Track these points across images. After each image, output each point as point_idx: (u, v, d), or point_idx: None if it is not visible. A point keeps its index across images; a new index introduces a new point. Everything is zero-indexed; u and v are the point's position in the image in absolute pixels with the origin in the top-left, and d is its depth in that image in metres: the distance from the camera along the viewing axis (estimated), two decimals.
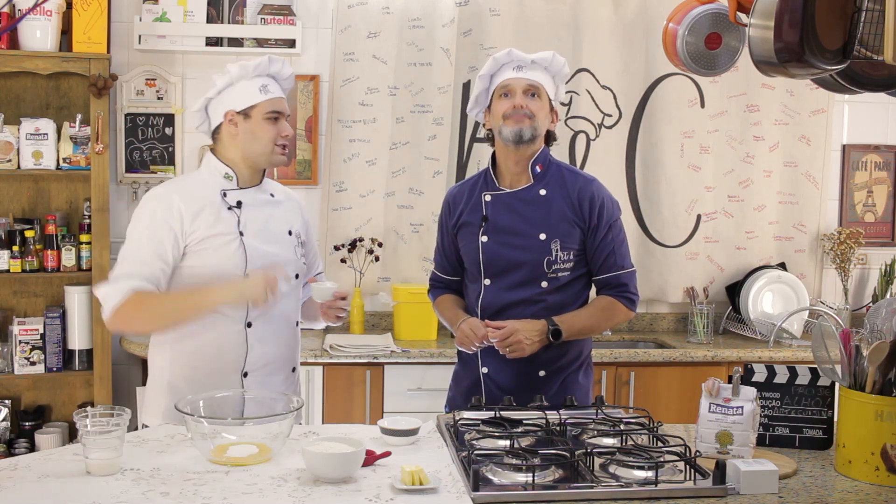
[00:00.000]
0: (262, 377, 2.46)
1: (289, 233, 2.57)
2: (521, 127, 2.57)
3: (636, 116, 4.42)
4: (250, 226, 2.46)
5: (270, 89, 2.48)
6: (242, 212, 2.47)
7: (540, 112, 2.60)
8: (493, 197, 2.66)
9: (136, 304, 2.33)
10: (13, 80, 3.98)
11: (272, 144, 2.47)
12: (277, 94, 2.50)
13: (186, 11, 4.09)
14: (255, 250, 2.44)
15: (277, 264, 2.41)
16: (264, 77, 2.49)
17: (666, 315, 4.54)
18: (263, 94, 2.47)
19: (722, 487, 1.91)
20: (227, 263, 2.40)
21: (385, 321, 4.34)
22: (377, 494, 1.85)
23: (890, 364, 2.08)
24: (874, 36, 1.98)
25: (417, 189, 4.29)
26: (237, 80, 2.47)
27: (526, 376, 2.61)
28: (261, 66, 2.48)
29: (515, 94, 2.59)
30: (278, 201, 2.59)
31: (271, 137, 2.47)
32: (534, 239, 2.59)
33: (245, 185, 2.51)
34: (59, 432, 3.94)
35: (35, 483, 1.89)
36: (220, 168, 2.49)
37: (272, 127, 2.47)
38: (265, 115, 2.46)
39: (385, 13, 4.21)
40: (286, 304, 2.53)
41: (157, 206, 2.41)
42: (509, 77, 2.61)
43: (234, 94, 2.47)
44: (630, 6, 4.35)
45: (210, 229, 2.40)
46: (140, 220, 2.42)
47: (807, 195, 4.55)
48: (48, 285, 4.05)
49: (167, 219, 2.38)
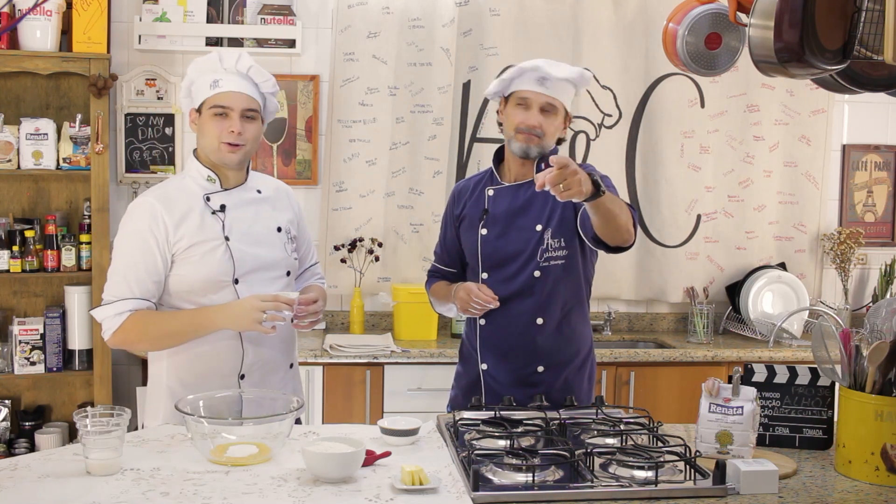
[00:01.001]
0: (259, 377, 2.45)
1: (278, 229, 2.52)
2: (529, 146, 2.60)
3: (636, 116, 4.42)
4: (236, 228, 2.43)
5: (221, 84, 2.41)
6: (227, 215, 2.43)
7: (551, 128, 2.61)
8: (495, 191, 2.68)
9: (135, 327, 2.34)
10: (13, 80, 3.98)
11: (217, 141, 2.41)
12: (228, 89, 2.41)
13: (186, 11, 4.09)
14: (243, 254, 2.42)
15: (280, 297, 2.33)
16: (217, 72, 2.43)
17: (666, 315, 4.54)
18: (212, 89, 2.41)
19: (722, 487, 1.91)
20: (215, 270, 2.38)
21: (385, 321, 4.34)
22: (377, 494, 1.85)
23: (890, 364, 2.08)
24: (874, 36, 1.98)
25: (417, 189, 4.29)
26: (194, 78, 2.46)
27: (524, 373, 2.62)
28: (210, 60, 2.44)
29: (531, 109, 2.59)
30: (265, 198, 2.54)
31: (215, 134, 2.41)
32: (530, 230, 2.61)
33: (230, 186, 2.48)
34: (59, 432, 3.94)
35: (35, 483, 1.89)
36: (202, 171, 2.46)
37: (216, 126, 2.40)
38: (209, 109, 2.41)
39: (385, 13, 4.21)
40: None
41: (140, 216, 2.38)
42: (529, 90, 2.59)
43: (196, 87, 2.47)
44: (630, 6, 4.35)
45: (195, 236, 2.38)
46: (127, 234, 2.40)
47: (807, 195, 4.55)
48: (48, 285, 4.05)
49: (153, 230, 2.36)
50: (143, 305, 2.36)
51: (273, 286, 2.47)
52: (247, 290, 2.41)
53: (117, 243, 2.42)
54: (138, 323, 2.34)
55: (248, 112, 2.43)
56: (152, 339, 2.39)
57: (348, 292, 4.26)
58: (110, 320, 2.35)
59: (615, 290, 4.42)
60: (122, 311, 2.34)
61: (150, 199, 2.41)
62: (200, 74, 2.45)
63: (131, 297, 2.35)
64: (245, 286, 2.42)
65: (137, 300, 2.35)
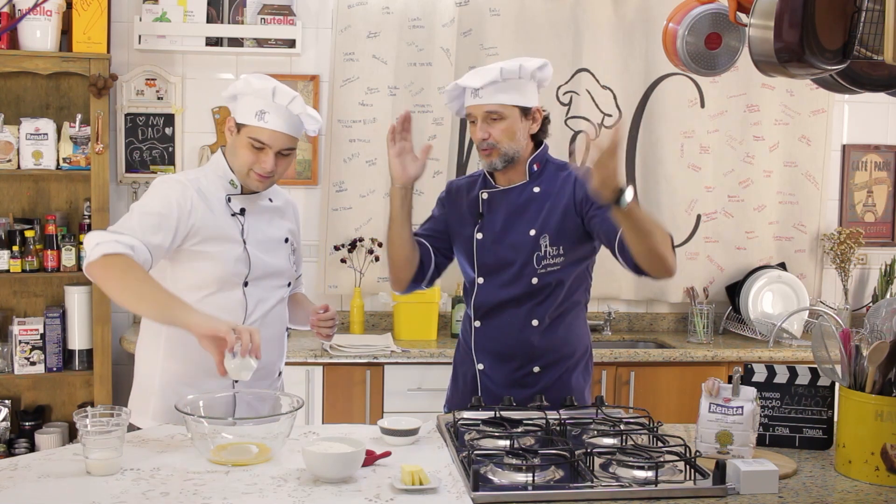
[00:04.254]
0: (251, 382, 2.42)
1: (285, 240, 2.55)
2: (490, 160, 2.56)
3: (636, 116, 4.42)
4: (252, 234, 2.45)
5: (267, 119, 2.37)
6: (246, 219, 2.46)
7: (504, 135, 2.53)
8: (489, 195, 2.66)
9: (121, 267, 2.21)
10: (13, 80, 3.98)
11: (247, 168, 2.40)
12: (274, 127, 2.37)
13: (186, 11, 4.09)
14: (256, 258, 2.44)
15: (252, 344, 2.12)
16: (267, 103, 2.37)
17: (666, 315, 4.54)
18: (257, 120, 2.37)
19: (722, 487, 1.91)
20: (230, 270, 2.39)
21: (385, 321, 4.34)
22: (377, 494, 1.85)
23: (890, 364, 2.08)
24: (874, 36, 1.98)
25: (417, 189, 4.26)
26: (243, 93, 2.41)
27: (521, 372, 2.61)
28: (263, 91, 2.37)
29: (477, 123, 2.56)
30: (277, 207, 2.57)
31: (248, 162, 2.39)
32: (524, 235, 2.58)
33: (247, 192, 2.49)
34: (59, 432, 3.94)
35: (35, 483, 1.89)
36: (227, 174, 2.46)
37: (250, 154, 2.39)
38: (249, 139, 2.39)
39: (385, 13, 4.21)
40: (279, 310, 2.54)
41: (172, 187, 2.38)
42: (469, 104, 2.57)
43: (241, 103, 2.42)
44: (630, 6, 4.35)
45: (214, 231, 2.39)
46: (154, 195, 2.37)
47: (807, 195, 4.55)
48: (48, 285, 4.05)
49: (181, 201, 2.35)
50: (143, 252, 2.26)
51: (277, 294, 2.51)
52: (254, 294, 2.44)
53: (142, 200, 2.38)
54: (126, 264, 2.21)
55: (285, 150, 2.42)
56: (126, 291, 2.23)
57: (348, 292, 4.26)
58: (105, 245, 2.22)
59: (615, 289, 4.42)
60: (122, 241, 2.23)
61: (180, 178, 2.42)
62: (249, 94, 2.39)
63: (135, 237, 2.26)
64: (253, 290, 2.44)
65: (140, 243, 2.25)
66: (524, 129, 2.58)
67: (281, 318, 2.57)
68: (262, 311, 2.47)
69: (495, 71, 2.54)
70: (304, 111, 2.41)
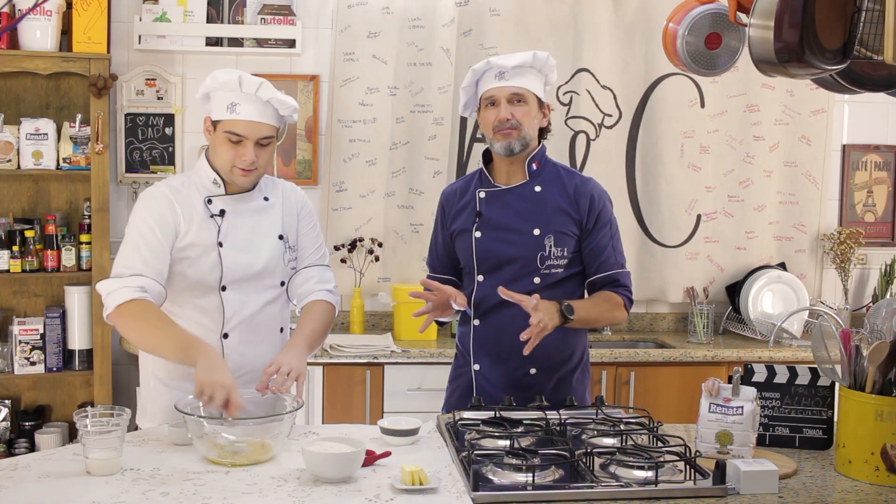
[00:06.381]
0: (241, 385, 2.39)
1: (279, 237, 2.50)
2: (509, 141, 2.56)
3: (636, 116, 4.42)
4: (231, 235, 2.42)
5: (239, 110, 2.34)
6: (225, 220, 2.43)
7: (526, 118, 2.57)
8: (487, 193, 2.65)
9: (137, 315, 2.25)
10: (13, 80, 3.98)
11: (229, 165, 2.39)
12: (247, 117, 2.35)
13: (186, 11, 4.09)
14: (233, 261, 2.41)
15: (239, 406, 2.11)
16: (236, 94, 2.35)
17: (666, 315, 4.54)
18: (229, 113, 2.36)
19: (722, 487, 1.91)
20: (204, 274, 2.38)
21: (385, 321, 4.34)
22: (377, 494, 1.86)
23: (890, 364, 2.08)
24: (874, 36, 1.98)
25: (417, 189, 4.29)
26: (213, 90, 2.40)
27: (517, 374, 2.61)
28: (229, 83, 2.36)
29: (500, 104, 2.57)
30: (271, 205, 2.51)
31: (228, 158, 2.38)
32: (527, 234, 2.59)
33: (234, 191, 2.46)
34: (59, 432, 3.94)
35: (35, 483, 1.89)
36: (209, 174, 2.44)
37: (230, 149, 2.37)
38: (224, 133, 2.37)
39: (385, 13, 4.21)
40: (269, 312, 2.50)
41: (158, 199, 2.39)
42: (492, 87, 2.58)
43: (213, 100, 2.41)
44: (630, 6, 4.35)
45: (194, 236, 2.39)
46: (142, 216, 2.38)
47: (807, 195, 4.55)
48: (48, 285, 4.05)
49: (166, 216, 2.36)
50: (155, 287, 2.29)
51: (264, 295, 2.47)
52: (234, 297, 2.42)
53: (132, 221, 2.39)
54: (141, 312, 2.25)
55: (263, 140, 2.40)
56: (142, 337, 2.30)
57: (348, 292, 4.26)
58: (119, 293, 2.26)
59: None
60: (133, 286, 2.26)
61: (164, 189, 2.42)
62: (218, 90, 2.39)
63: (143, 274, 2.29)
64: (233, 293, 2.42)
65: (149, 279, 2.29)
66: (538, 120, 2.63)
67: (274, 319, 2.52)
68: (245, 314, 2.44)
69: (528, 54, 2.59)
70: (274, 96, 2.39)
